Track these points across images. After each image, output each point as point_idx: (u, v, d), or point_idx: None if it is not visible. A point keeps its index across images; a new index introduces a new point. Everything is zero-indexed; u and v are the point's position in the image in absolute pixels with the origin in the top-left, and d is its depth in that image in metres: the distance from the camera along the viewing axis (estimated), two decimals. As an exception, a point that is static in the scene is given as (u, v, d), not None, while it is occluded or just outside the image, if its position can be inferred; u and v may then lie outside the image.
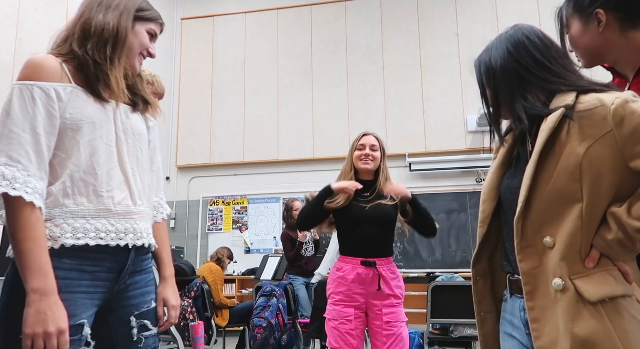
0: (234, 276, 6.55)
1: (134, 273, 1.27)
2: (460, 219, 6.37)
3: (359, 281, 2.27)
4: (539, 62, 1.12)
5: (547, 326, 1.02)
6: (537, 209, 1.04)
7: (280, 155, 7.04)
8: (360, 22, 7.19)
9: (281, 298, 4.07)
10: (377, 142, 2.49)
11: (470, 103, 6.57)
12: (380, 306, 2.27)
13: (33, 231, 1.06)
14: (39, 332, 1.02)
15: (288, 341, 3.98)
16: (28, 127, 1.08)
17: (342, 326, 2.25)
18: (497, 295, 1.24)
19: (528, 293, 1.05)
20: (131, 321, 1.25)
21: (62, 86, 1.15)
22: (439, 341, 3.81)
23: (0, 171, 1.05)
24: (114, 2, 1.25)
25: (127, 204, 1.22)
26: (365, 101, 6.95)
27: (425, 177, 6.60)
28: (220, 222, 7.11)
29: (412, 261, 6.35)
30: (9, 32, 5.96)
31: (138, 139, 1.28)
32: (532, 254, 1.05)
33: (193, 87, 7.52)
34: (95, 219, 1.16)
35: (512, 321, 1.16)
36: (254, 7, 7.56)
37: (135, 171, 1.26)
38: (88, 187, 1.16)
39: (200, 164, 7.26)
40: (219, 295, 4.55)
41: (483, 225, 1.20)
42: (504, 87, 1.14)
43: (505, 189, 1.17)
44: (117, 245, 1.19)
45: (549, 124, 1.05)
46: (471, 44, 6.73)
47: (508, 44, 1.15)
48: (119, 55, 1.24)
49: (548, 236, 1.03)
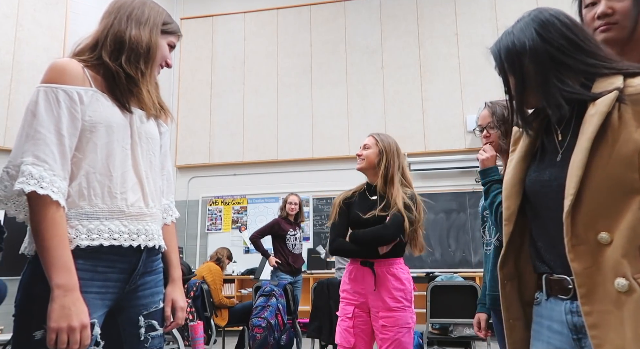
0: (233, 276, 6.55)
1: (145, 274, 1.29)
2: (459, 219, 6.37)
3: (358, 280, 2.27)
4: (573, 43, 1.03)
5: (610, 332, 0.91)
6: (590, 202, 0.94)
7: (280, 155, 7.04)
8: (359, 22, 7.19)
9: (280, 298, 4.07)
10: (372, 140, 2.39)
11: (470, 103, 6.58)
12: (378, 308, 2.21)
13: (58, 229, 1.09)
14: (64, 326, 1.04)
15: (287, 341, 3.98)
16: (53, 129, 1.12)
17: (342, 322, 2.27)
18: (524, 299, 1.14)
19: (584, 296, 0.94)
20: (140, 321, 1.27)
21: (83, 90, 1.18)
22: (438, 341, 3.81)
23: (28, 170, 1.08)
24: (144, 16, 1.30)
25: (140, 206, 1.25)
26: (364, 101, 6.96)
27: (424, 177, 6.60)
28: (219, 222, 7.10)
29: (411, 261, 6.34)
30: (8, 31, 5.96)
31: (151, 144, 1.33)
32: (585, 252, 0.95)
33: (192, 87, 7.52)
34: (109, 220, 1.19)
35: (550, 326, 1.06)
36: (253, 7, 7.56)
37: (148, 174, 1.30)
38: (103, 188, 1.19)
39: (200, 164, 7.26)
40: (219, 295, 4.55)
41: (509, 223, 1.11)
42: (534, 71, 1.05)
43: (533, 182, 1.08)
44: (129, 246, 1.22)
45: (601, 108, 0.95)
46: (470, 44, 6.74)
47: (535, 26, 1.06)
48: (150, 69, 1.31)
49: (603, 231, 0.93)
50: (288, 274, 4.70)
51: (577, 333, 0.99)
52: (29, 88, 5.97)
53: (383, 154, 2.35)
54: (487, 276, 1.93)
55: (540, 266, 1.08)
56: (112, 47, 1.25)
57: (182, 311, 1.40)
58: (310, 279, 5.90)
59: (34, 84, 5.84)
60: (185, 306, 1.43)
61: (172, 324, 1.38)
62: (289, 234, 4.79)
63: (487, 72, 6.57)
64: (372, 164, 2.35)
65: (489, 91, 6.51)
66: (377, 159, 2.35)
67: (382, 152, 2.35)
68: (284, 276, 4.65)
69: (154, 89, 1.34)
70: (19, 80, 5.92)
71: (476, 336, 3.69)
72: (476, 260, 6.20)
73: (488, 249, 1.93)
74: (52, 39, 6.25)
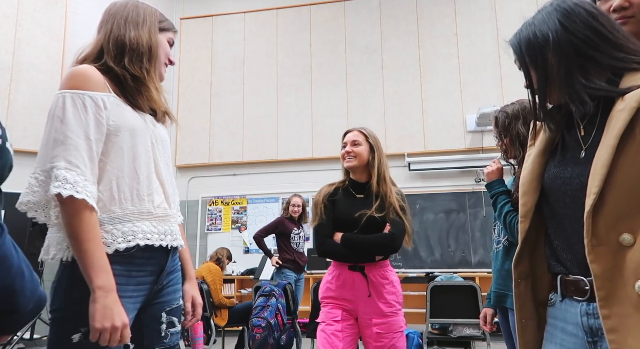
0: (233, 276, 6.55)
1: (169, 273, 1.34)
2: (459, 219, 6.37)
3: (347, 286, 2.10)
4: (600, 34, 0.96)
5: (629, 337, 0.87)
6: (613, 202, 0.90)
7: (280, 155, 7.04)
8: (359, 22, 7.19)
9: (280, 298, 4.07)
10: (361, 136, 2.23)
11: (469, 103, 6.58)
12: (371, 314, 2.06)
13: (94, 233, 1.12)
14: (108, 326, 1.07)
15: (287, 341, 3.98)
16: (82, 134, 1.15)
17: (329, 327, 2.08)
18: (537, 299, 1.10)
19: (602, 299, 0.90)
20: (162, 317, 1.31)
21: (106, 96, 1.21)
22: (438, 341, 3.81)
23: (62, 174, 1.10)
24: (139, 18, 1.34)
25: (164, 207, 1.30)
26: (364, 101, 6.96)
27: (424, 177, 6.60)
28: (219, 222, 7.10)
29: (411, 261, 6.36)
30: (8, 32, 5.95)
31: (165, 147, 1.37)
32: (605, 253, 0.91)
33: (192, 87, 7.52)
34: (140, 221, 1.22)
35: (564, 328, 1.02)
36: (253, 7, 7.56)
37: (167, 175, 1.34)
38: (132, 191, 1.22)
39: (200, 164, 7.26)
40: (218, 295, 4.55)
41: (525, 220, 1.07)
42: (557, 65, 0.99)
43: (553, 179, 1.04)
44: (159, 246, 1.26)
45: (631, 103, 0.90)
46: (470, 44, 6.74)
47: (558, 16, 0.99)
48: (154, 67, 1.34)
49: (626, 232, 0.90)
50: (293, 272, 4.71)
51: (593, 336, 0.96)
52: (29, 88, 5.97)
53: (375, 151, 2.22)
54: (495, 273, 1.94)
55: (556, 265, 1.05)
56: (115, 52, 1.28)
57: (200, 307, 1.47)
58: (310, 279, 5.89)
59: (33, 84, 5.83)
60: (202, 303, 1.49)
61: (192, 320, 1.44)
62: (293, 232, 4.81)
63: (486, 72, 6.57)
64: (364, 161, 2.20)
65: (489, 91, 6.52)
66: (369, 156, 2.21)
67: (374, 148, 2.22)
68: (289, 274, 4.66)
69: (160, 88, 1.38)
70: (18, 81, 5.92)
71: (476, 335, 3.69)
72: (476, 260, 6.20)
73: (497, 247, 1.94)
74: (51, 39, 6.25)
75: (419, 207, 6.44)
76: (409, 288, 6.17)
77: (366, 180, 2.22)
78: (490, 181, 1.92)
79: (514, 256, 1.11)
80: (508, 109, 1.90)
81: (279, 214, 6.80)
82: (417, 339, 3.70)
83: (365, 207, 2.13)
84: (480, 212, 6.29)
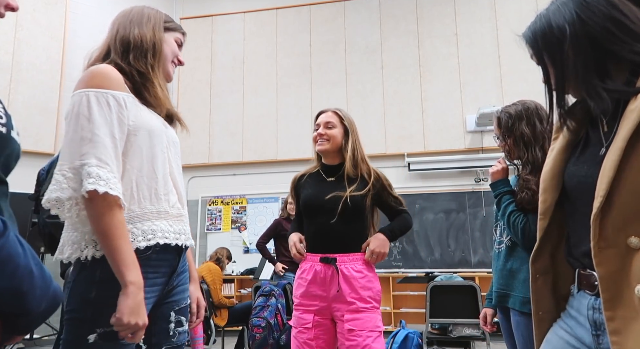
0: (232, 276, 6.55)
1: (180, 273, 1.35)
2: (459, 219, 6.37)
3: (317, 281, 1.94)
4: (621, 24, 0.90)
5: (630, 340, 0.87)
6: (622, 204, 0.88)
7: (279, 155, 7.04)
8: (359, 21, 7.19)
9: (280, 298, 4.07)
10: (336, 118, 2.07)
11: (469, 103, 6.58)
12: (343, 311, 1.90)
13: (124, 230, 1.12)
14: (133, 323, 1.08)
15: (287, 340, 3.98)
16: (108, 133, 1.15)
17: (300, 334, 1.94)
18: (559, 293, 1.10)
19: (607, 301, 0.91)
20: (171, 316, 1.32)
21: (126, 95, 1.22)
22: (438, 340, 3.81)
23: (95, 171, 1.10)
24: (144, 17, 1.36)
25: (178, 207, 1.31)
26: (364, 101, 6.96)
27: (424, 177, 6.60)
28: (219, 222, 7.10)
29: (411, 260, 6.36)
30: (7, 32, 5.95)
31: (176, 148, 1.39)
32: (613, 256, 0.90)
33: (192, 86, 7.52)
34: (158, 220, 1.23)
35: (577, 317, 1.04)
36: (252, 7, 7.56)
37: (179, 176, 1.36)
38: (150, 190, 1.23)
39: (199, 164, 7.26)
40: (218, 295, 4.55)
41: (544, 218, 1.05)
42: (573, 59, 0.94)
43: (571, 177, 1.02)
44: (175, 245, 1.27)
45: None
46: (470, 44, 6.74)
47: (574, 5, 0.94)
48: (158, 63, 1.35)
49: (633, 235, 0.88)
50: (292, 273, 4.70)
51: (597, 329, 0.98)
52: (29, 88, 5.97)
53: (349, 134, 2.05)
54: (496, 273, 1.93)
55: (574, 262, 1.05)
56: (120, 49, 1.30)
57: (204, 309, 1.49)
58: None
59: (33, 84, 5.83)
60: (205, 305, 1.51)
61: (196, 321, 1.45)
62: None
63: (486, 72, 6.57)
64: (338, 145, 2.04)
65: (489, 91, 6.52)
66: (343, 139, 2.05)
67: (348, 131, 2.06)
68: (288, 275, 4.65)
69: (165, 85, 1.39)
70: (18, 81, 5.92)
71: (476, 335, 3.69)
72: (476, 260, 6.20)
73: (499, 247, 1.93)
74: (51, 39, 6.25)
75: (418, 207, 6.44)
76: (408, 288, 6.17)
77: (339, 162, 2.06)
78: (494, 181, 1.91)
79: (532, 252, 1.10)
80: (511, 110, 1.88)
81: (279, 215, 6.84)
82: (417, 339, 3.70)
83: (337, 190, 1.97)
84: (480, 212, 6.29)
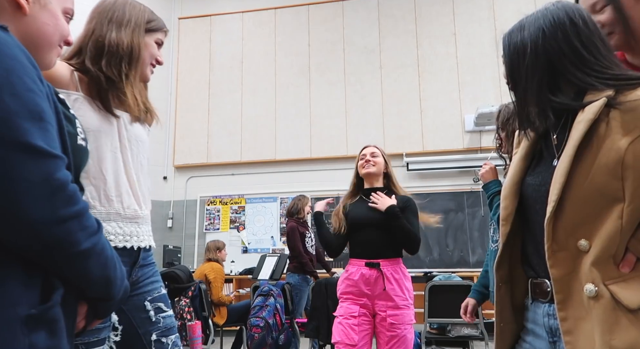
0: (231, 276, 6.54)
1: (142, 266, 1.37)
2: (457, 218, 6.38)
3: (364, 281, 2.32)
4: (576, 51, 0.97)
5: (580, 339, 0.91)
6: (572, 209, 0.93)
7: (278, 155, 7.03)
8: (357, 21, 7.19)
9: (279, 298, 4.07)
10: (378, 151, 2.60)
11: (468, 103, 6.58)
12: (386, 307, 2.30)
13: None
14: None
15: (285, 340, 3.98)
16: None
17: (346, 320, 2.31)
18: (515, 303, 1.11)
19: (560, 302, 0.95)
20: (146, 306, 1.36)
21: (66, 94, 1.18)
22: (436, 340, 3.81)
23: None
24: (125, 18, 1.30)
25: (134, 209, 1.30)
26: (362, 101, 6.96)
27: (422, 176, 6.60)
28: (217, 222, 7.10)
29: (409, 260, 6.35)
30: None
31: (141, 146, 1.36)
32: (565, 259, 0.95)
33: (190, 86, 7.51)
34: (106, 222, 1.23)
35: (534, 329, 1.06)
36: (251, 7, 7.55)
37: (139, 176, 1.34)
38: (99, 191, 1.23)
39: (198, 164, 7.25)
40: (219, 292, 4.56)
41: (506, 224, 1.08)
42: (531, 73, 1.01)
43: (527, 186, 1.07)
44: (123, 247, 1.27)
45: (588, 115, 0.93)
46: (468, 44, 6.74)
47: (545, 23, 1.00)
48: (134, 71, 1.31)
49: (583, 238, 0.93)
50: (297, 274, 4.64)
51: (553, 336, 1.00)
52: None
53: (388, 164, 2.62)
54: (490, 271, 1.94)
55: (528, 270, 1.08)
56: (93, 52, 1.26)
57: None
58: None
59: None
60: None
61: None
62: (307, 236, 4.73)
63: (485, 72, 6.57)
64: (381, 169, 2.55)
65: (487, 91, 6.52)
66: (384, 167, 2.58)
67: (387, 162, 2.62)
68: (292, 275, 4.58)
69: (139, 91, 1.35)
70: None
71: (474, 335, 3.69)
72: (474, 260, 6.21)
73: (494, 246, 1.95)
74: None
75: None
76: (407, 288, 6.17)
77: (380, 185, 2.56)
78: (486, 182, 1.95)
79: (496, 259, 1.11)
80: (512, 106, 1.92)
81: (277, 214, 6.84)
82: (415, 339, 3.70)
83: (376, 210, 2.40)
84: (479, 212, 6.29)
